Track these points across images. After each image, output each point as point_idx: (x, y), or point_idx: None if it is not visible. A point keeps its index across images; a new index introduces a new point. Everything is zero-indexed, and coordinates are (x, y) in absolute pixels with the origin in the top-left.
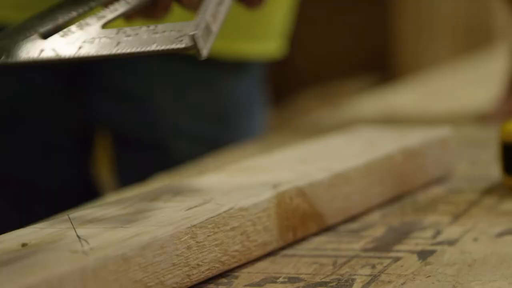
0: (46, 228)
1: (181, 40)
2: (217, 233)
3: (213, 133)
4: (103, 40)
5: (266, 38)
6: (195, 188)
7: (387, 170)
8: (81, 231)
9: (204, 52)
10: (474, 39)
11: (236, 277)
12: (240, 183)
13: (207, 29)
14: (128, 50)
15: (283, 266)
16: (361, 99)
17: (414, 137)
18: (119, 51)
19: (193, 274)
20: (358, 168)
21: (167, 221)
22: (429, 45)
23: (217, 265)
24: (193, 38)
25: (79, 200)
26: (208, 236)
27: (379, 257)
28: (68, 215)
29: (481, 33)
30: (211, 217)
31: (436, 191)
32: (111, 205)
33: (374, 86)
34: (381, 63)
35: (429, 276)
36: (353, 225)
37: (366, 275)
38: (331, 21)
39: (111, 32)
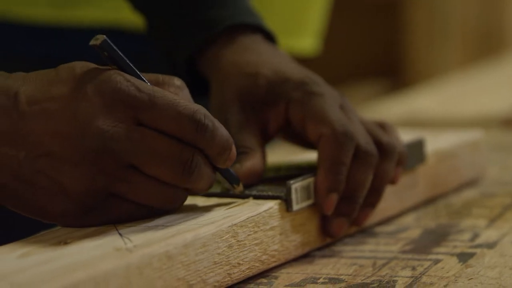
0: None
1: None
2: (257, 232)
3: None
4: None
5: (301, 34)
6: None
7: (421, 172)
8: (122, 229)
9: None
10: (486, 45)
11: (276, 277)
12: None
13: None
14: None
15: (322, 266)
16: (381, 103)
17: (446, 140)
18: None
19: (234, 273)
20: None
21: (208, 220)
22: (440, 51)
23: (257, 264)
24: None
25: None
26: (249, 235)
27: (418, 259)
28: None
29: (493, 39)
30: (251, 216)
31: (469, 194)
32: None
33: (387, 92)
34: (392, 69)
35: (471, 278)
36: (389, 227)
37: (407, 277)
38: (343, 26)
39: None
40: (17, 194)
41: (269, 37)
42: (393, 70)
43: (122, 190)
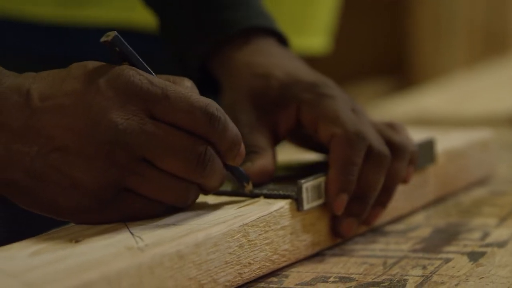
0: (97, 225)
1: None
2: (268, 232)
3: None
4: None
5: (312, 32)
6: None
7: (431, 171)
8: (133, 228)
9: (305, 206)
10: (492, 43)
11: (287, 276)
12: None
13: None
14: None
15: (332, 265)
16: (387, 102)
17: (455, 139)
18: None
19: (244, 273)
20: None
21: (219, 219)
22: (447, 49)
23: (267, 264)
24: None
25: None
26: (259, 234)
27: (428, 258)
28: None
29: (499, 38)
30: (262, 216)
31: (479, 193)
32: None
33: (393, 90)
34: (398, 67)
35: (483, 277)
36: (399, 226)
37: (418, 276)
38: (350, 25)
39: None
40: (28, 191)
41: (282, 40)
42: (399, 69)
43: (135, 184)
